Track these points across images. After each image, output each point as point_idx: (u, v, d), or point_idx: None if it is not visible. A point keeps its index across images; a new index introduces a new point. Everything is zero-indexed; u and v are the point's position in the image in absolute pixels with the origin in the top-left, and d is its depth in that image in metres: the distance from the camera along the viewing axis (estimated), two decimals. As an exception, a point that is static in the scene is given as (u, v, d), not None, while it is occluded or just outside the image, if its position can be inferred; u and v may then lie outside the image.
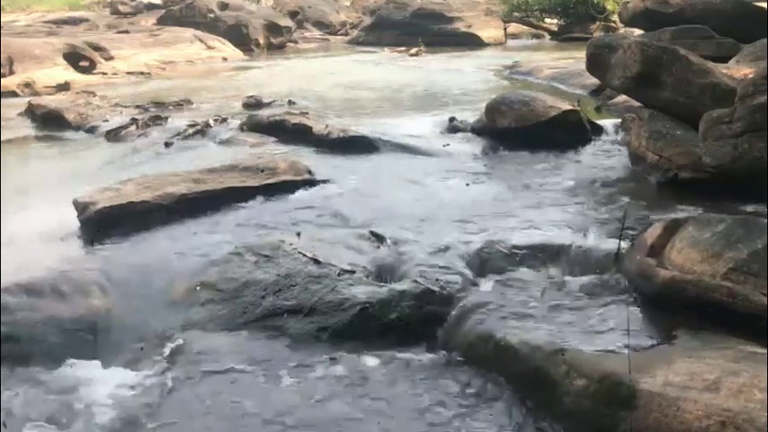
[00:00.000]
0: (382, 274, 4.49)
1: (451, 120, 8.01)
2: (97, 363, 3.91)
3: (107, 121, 8.95)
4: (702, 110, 5.29)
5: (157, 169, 6.51)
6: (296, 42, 19.86)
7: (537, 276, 4.43)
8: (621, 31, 15.59)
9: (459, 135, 7.70)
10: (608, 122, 7.58)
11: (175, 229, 5.26)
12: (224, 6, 19.23)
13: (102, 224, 5.24)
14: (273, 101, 9.77)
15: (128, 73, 13.67)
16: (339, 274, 4.33)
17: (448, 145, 7.31)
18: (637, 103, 6.79)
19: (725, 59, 7.24)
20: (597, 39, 7.71)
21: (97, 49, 14.14)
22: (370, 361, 3.83)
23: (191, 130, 8.12)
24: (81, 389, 3.69)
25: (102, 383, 3.72)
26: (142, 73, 13.82)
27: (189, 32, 16.94)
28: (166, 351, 3.98)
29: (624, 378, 3.12)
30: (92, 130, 8.75)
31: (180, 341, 4.05)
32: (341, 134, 7.45)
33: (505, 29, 19.54)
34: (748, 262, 3.57)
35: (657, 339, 3.65)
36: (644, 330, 3.76)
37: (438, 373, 3.73)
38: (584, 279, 4.36)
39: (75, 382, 3.75)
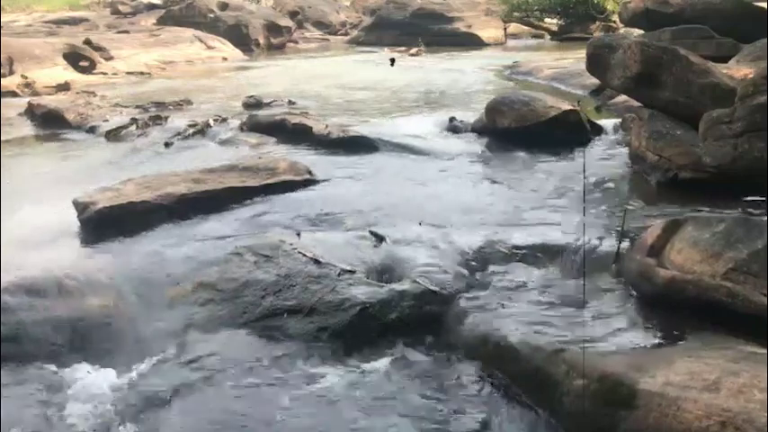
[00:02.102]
0: (382, 274, 4.49)
1: (451, 120, 8.01)
2: (96, 363, 3.91)
3: (107, 121, 8.95)
4: (702, 110, 5.29)
5: (157, 169, 6.51)
6: (296, 42, 19.87)
7: (537, 276, 4.43)
8: (621, 31, 15.56)
9: (459, 135, 7.70)
10: (608, 122, 7.58)
11: (175, 229, 5.26)
12: (224, 6, 19.24)
13: (102, 224, 5.25)
14: (273, 101, 9.77)
15: (128, 73, 13.67)
16: (339, 274, 4.33)
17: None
18: (637, 103, 6.77)
19: (725, 59, 7.23)
20: (597, 39, 7.69)
21: (97, 49, 14.14)
22: (370, 361, 3.83)
23: (191, 130, 8.11)
24: (80, 389, 3.69)
25: (100, 383, 3.73)
26: (142, 73, 13.82)
27: (189, 32, 16.95)
28: (166, 351, 3.98)
29: (624, 378, 3.12)
30: (92, 130, 8.76)
31: (180, 341, 4.05)
32: (341, 134, 7.45)
33: (505, 29, 19.55)
34: (748, 262, 3.57)
35: (657, 339, 3.65)
36: (644, 330, 3.76)
37: (438, 373, 3.73)
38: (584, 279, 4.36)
39: (73, 381, 3.75)
